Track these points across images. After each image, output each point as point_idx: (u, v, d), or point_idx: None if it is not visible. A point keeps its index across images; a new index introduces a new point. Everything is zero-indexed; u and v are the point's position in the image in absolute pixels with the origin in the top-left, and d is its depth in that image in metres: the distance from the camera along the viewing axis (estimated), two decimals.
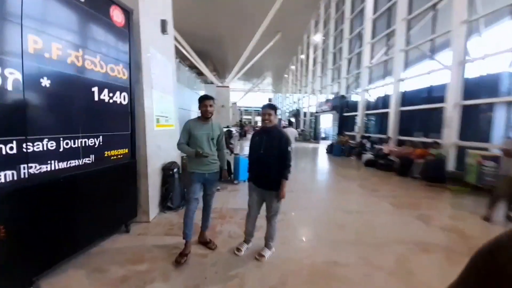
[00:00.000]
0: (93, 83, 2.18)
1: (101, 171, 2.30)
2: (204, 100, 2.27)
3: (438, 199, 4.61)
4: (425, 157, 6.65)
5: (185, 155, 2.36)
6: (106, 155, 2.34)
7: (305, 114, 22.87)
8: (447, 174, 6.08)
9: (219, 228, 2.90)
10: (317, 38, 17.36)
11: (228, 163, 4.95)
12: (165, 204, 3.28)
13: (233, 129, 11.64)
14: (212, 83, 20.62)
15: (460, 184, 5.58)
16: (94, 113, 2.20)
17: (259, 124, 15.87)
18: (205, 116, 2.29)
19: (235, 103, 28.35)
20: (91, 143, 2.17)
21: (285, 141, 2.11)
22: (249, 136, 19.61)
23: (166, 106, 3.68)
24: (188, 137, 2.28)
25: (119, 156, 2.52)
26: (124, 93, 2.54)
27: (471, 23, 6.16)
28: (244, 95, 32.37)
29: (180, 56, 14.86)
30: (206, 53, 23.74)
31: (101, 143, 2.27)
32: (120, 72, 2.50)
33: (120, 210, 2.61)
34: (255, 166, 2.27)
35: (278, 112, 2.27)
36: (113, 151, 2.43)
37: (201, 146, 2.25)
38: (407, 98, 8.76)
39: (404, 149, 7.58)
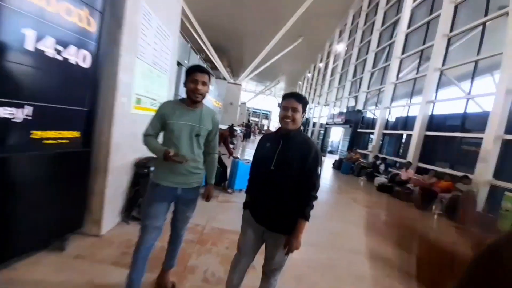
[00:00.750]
0: (24, 21, 1.39)
1: (21, 160, 1.51)
2: (194, 72, 1.42)
3: None
4: (451, 192, 5.74)
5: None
6: (34, 136, 1.54)
7: (314, 124, 21.98)
8: None
9: (192, 261, 2.06)
10: (340, 47, 16.54)
11: (224, 167, 4.13)
12: (129, 213, 2.47)
13: (238, 128, 10.84)
14: (224, 79, 19.97)
15: (491, 230, 4.68)
16: (18, 68, 1.41)
17: (266, 128, 14.94)
18: (192, 99, 1.45)
19: (244, 103, 27.64)
20: (7, 114, 1.37)
21: (314, 157, 1.27)
22: (255, 139, 18.62)
23: (156, 86, 2.89)
24: (161, 127, 1.48)
25: (62, 141, 1.72)
26: (84, 51, 1.75)
27: None
28: (255, 96, 31.66)
29: (197, 48, 14.22)
30: (223, 49, 23.17)
31: (28, 118, 1.47)
32: (83, 20, 1.72)
33: (55, 218, 1.80)
34: (258, 188, 1.43)
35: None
36: (50, 132, 1.63)
37: (178, 144, 1.42)
38: (434, 122, 7.85)
39: (426, 178, 6.65)
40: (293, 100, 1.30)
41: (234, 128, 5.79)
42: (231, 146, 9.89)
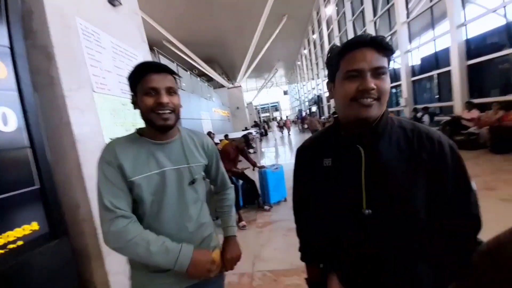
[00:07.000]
0: None
1: None
2: (147, 75, 0.77)
3: None
4: None
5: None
6: None
7: (328, 99, 20.61)
8: None
9: None
10: (329, 9, 15.14)
11: (251, 182, 3.44)
12: None
13: (252, 130, 10.18)
14: (223, 86, 19.50)
15: None
16: None
17: (281, 118, 13.80)
18: (158, 124, 0.79)
19: (250, 103, 26.94)
20: None
21: (453, 160, 0.54)
22: (272, 134, 17.48)
23: (134, 118, 2.30)
24: (128, 192, 0.78)
25: (13, 246, 1.15)
26: (3, 109, 1.17)
27: None
28: (258, 93, 30.85)
29: (188, 67, 13.96)
30: (212, 58, 22.81)
31: None
32: None
33: None
34: (339, 257, 0.70)
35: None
36: None
37: (159, 220, 0.79)
38: (474, 47, 6.50)
39: (491, 114, 5.41)
40: (371, 52, 0.55)
41: (249, 132, 5.10)
42: (251, 151, 9.23)
